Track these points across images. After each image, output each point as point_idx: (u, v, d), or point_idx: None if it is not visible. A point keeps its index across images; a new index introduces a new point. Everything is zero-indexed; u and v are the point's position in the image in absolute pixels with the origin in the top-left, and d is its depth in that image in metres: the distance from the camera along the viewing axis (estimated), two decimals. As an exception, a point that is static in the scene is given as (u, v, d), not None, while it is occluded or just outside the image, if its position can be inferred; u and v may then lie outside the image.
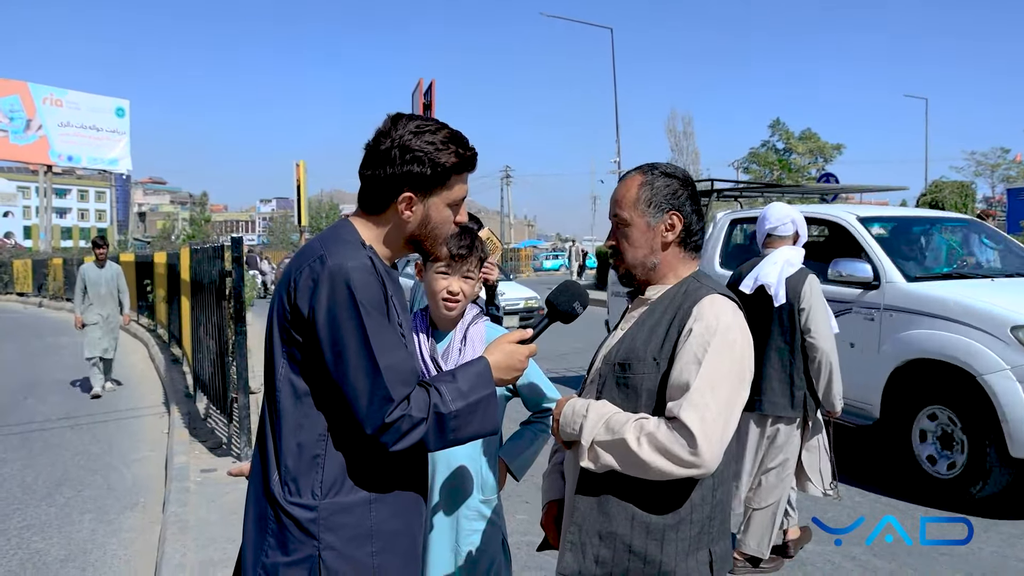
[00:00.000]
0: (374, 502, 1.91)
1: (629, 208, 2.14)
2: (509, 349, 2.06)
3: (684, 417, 1.86)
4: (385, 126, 1.98)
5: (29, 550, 5.22)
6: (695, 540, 1.99)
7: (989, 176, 51.34)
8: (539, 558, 4.62)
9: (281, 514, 1.88)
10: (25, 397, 10.54)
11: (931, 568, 4.71)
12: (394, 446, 1.84)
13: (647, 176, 2.15)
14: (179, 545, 4.86)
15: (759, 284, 4.51)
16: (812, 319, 4.40)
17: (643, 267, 2.15)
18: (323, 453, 1.89)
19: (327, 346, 1.83)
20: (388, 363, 1.83)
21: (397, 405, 1.82)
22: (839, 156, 36.87)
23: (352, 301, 1.82)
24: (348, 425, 1.86)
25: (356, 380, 1.82)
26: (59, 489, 6.52)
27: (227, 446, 7.11)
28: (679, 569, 1.97)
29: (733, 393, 1.94)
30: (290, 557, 1.87)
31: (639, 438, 1.89)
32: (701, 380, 1.89)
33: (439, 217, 2.01)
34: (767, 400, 4.47)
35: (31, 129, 45.33)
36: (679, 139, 45.42)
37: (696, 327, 1.96)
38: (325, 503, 1.87)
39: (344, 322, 1.82)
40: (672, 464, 1.86)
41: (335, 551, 1.87)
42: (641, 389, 2.02)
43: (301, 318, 1.86)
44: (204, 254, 8.27)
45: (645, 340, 2.05)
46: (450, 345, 2.63)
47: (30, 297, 31.43)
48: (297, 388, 1.90)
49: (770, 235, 4.66)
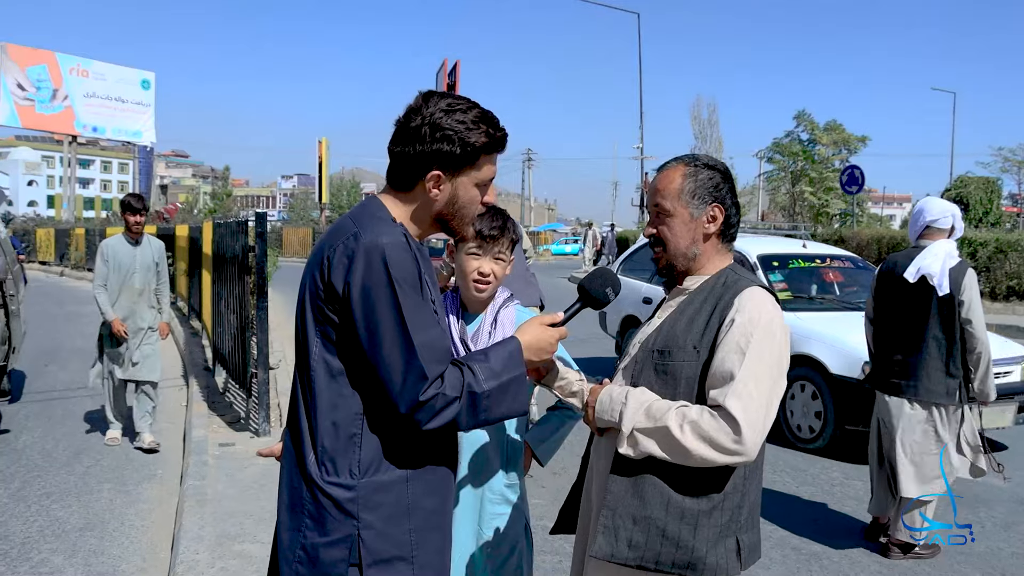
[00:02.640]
0: (411, 480, 1.91)
1: (672, 199, 2.15)
2: (540, 331, 2.04)
3: (729, 405, 1.90)
4: (416, 103, 1.96)
5: (49, 517, 5.27)
6: (725, 527, 2.03)
7: (1016, 173, 50.81)
8: (556, 542, 4.62)
9: (319, 494, 1.87)
10: (46, 364, 10.64)
11: (949, 567, 4.67)
12: (428, 424, 1.82)
13: (690, 168, 2.17)
14: (197, 518, 4.89)
15: (922, 274, 4.63)
16: (972, 311, 4.58)
17: (684, 257, 2.17)
18: (360, 432, 1.87)
19: (361, 323, 1.82)
20: (423, 340, 1.81)
21: (431, 383, 1.81)
22: (864, 148, 36.49)
23: (388, 277, 1.80)
24: (383, 404, 1.85)
25: (391, 357, 1.81)
26: (78, 458, 6.57)
27: (245, 421, 7.14)
28: (709, 555, 2.00)
29: (774, 384, 1.97)
30: (329, 537, 1.86)
31: (682, 425, 1.92)
32: (745, 371, 1.92)
33: (467, 197, 1.99)
34: (923, 387, 4.63)
35: (57, 99, 45.64)
36: (703, 127, 45.17)
37: (738, 318, 1.99)
38: (364, 482, 1.86)
39: (379, 298, 1.80)
40: (715, 452, 1.90)
41: (374, 530, 1.86)
42: (680, 376, 2.04)
43: (335, 295, 1.84)
44: (227, 228, 8.28)
45: (685, 329, 2.07)
46: (480, 327, 2.62)
47: (52, 266, 31.77)
48: (332, 367, 1.88)
49: (928, 227, 4.79)
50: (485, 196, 2.05)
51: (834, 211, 31.68)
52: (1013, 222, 37.40)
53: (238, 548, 4.47)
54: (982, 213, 28.35)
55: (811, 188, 31.77)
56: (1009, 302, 18.21)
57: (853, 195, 24.07)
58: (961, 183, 29.85)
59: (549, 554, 4.59)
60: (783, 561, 4.72)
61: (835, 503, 5.75)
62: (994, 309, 17.87)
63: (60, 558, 4.64)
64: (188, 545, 4.50)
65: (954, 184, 30.33)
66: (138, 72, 49.89)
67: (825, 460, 6.80)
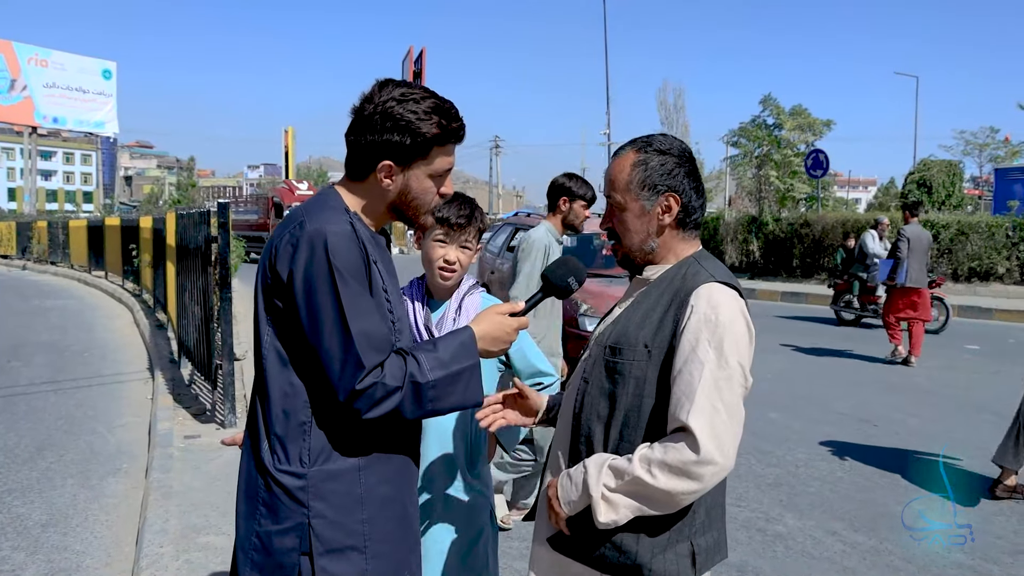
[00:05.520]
0: (363, 469, 1.90)
1: (623, 191, 2.03)
2: (498, 320, 2.03)
3: (693, 425, 1.78)
4: (371, 91, 1.94)
5: (10, 514, 5.19)
6: (676, 532, 1.92)
7: (978, 156, 51.48)
8: (522, 529, 4.65)
9: (271, 482, 1.87)
10: (9, 360, 10.47)
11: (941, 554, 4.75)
12: (368, 413, 1.81)
13: (641, 154, 2.03)
14: (162, 511, 4.84)
15: None
16: None
17: (641, 252, 2.06)
18: (309, 421, 1.87)
19: (303, 310, 1.82)
20: (360, 329, 1.80)
21: (369, 372, 1.80)
22: (829, 132, 36.74)
23: (328, 265, 1.79)
24: (328, 392, 1.84)
25: (329, 345, 1.80)
26: (41, 453, 6.48)
27: (211, 412, 7.09)
28: (655, 562, 1.91)
29: (738, 387, 1.86)
30: (281, 525, 1.86)
31: (649, 470, 1.81)
32: (705, 381, 1.81)
33: (420, 188, 1.97)
34: None
35: (15, 89, 44.85)
36: (669, 112, 45.22)
37: (693, 319, 1.87)
38: (313, 471, 1.86)
39: (320, 286, 1.80)
40: (694, 481, 1.79)
41: (325, 519, 1.85)
42: (629, 376, 1.94)
43: (280, 283, 1.84)
44: (190, 219, 8.19)
45: (638, 325, 1.97)
46: (444, 314, 2.63)
47: (14, 260, 31.24)
48: (281, 355, 1.88)
49: None
50: (443, 187, 2.02)
51: (799, 195, 31.88)
52: (975, 204, 37.91)
53: (203, 540, 4.43)
54: (944, 196, 28.67)
55: (776, 172, 31.94)
56: (971, 283, 18.50)
57: (818, 179, 24.30)
58: (924, 166, 30.14)
59: (516, 540, 4.62)
60: (748, 542, 4.78)
61: (799, 484, 5.82)
62: (956, 291, 18.17)
63: (22, 555, 4.58)
64: (152, 539, 4.46)
65: (917, 167, 30.61)
66: (99, 62, 49.17)
67: (790, 442, 6.88)
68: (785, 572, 4.41)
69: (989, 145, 50.11)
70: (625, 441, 1.93)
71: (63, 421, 7.44)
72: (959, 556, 4.61)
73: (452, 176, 2.06)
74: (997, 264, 18.31)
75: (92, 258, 22.12)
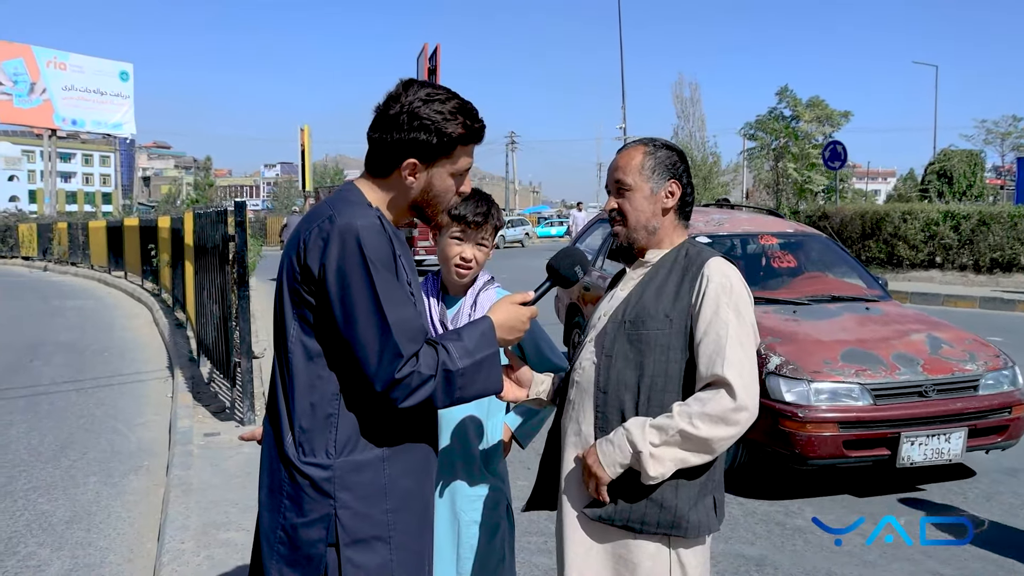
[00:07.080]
0: (387, 460, 1.93)
1: (633, 173, 2.26)
2: (511, 310, 2.08)
3: (727, 375, 2.04)
4: (396, 91, 1.98)
5: (35, 511, 5.26)
6: (703, 486, 2.16)
7: (999, 145, 51.10)
8: (540, 523, 4.65)
9: (296, 475, 1.89)
10: (31, 359, 10.59)
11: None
12: (404, 402, 1.84)
13: (649, 147, 2.29)
14: (182, 507, 4.89)
15: None
16: None
17: (645, 231, 2.27)
18: (336, 412, 1.89)
19: (337, 303, 1.84)
20: (397, 319, 1.83)
21: (407, 361, 1.83)
22: (847, 124, 36.54)
23: (362, 258, 1.82)
24: (360, 383, 1.87)
25: (366, 336, 1.82)
26: (64, 452, 6.56)
27: (230, 410, 7.14)
28: (691, 514, 2.13)
29: (754, 343, 2.14)
30: (307, 517, 1.88)
31: (692, 422, 2.04)
32: (731, 338, 2.08)
33: (442, 186, 2.02)
34: None
35: (35, 93, 45.16)
36: (685, 105, 45.05)
37: (711, 288, 2.13)
38: (339, 462, 1.88)
39: (354, 278, 1.82)
40: (730, 427, 2.04)
41: (351, 509, 1.88)
42: (654, 344, 2.15)
43: (311, 277, 1.86)
44: (207, 218, 8.24)
45: (654, 298, 2.19)
46: (460, 310, 2.66)
47: (35, 261, 31.56)
48: (309, 349, 1.90)
49: None
50: (462, 185, 2.08)
51: (817, 187, 31.76)
52: (996, 194, 37.58)
53: (223, 536, 4.47)
54: (966, 186, 28.51)
55: (794, 164, 31.83)
56: (992, 274, 18.31)
57: (836, 171, 24.14)
58: (944, 156, 29.99)
59: (534, 535, 4.62)
60: (767, 536, 4.77)
61: (822, 479, 5.80)
62: (978, 282, 17.99)
63: (47, 551, 4.64)
64: (174, 535, 4.50)
65: (937, 157, 30.47)
66: (116, 64, 49.43)
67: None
68: (804, 566, 4.40)
69: (1011, 134, 49.74)
70: (654, 404, 2.13)
71: (85, 420, 7.52)
72: (975, 550, 4.58)
73: (470, 174, 2.12)
74: (1020, 255, 18.09)
75: (112, 258, 22.28)
